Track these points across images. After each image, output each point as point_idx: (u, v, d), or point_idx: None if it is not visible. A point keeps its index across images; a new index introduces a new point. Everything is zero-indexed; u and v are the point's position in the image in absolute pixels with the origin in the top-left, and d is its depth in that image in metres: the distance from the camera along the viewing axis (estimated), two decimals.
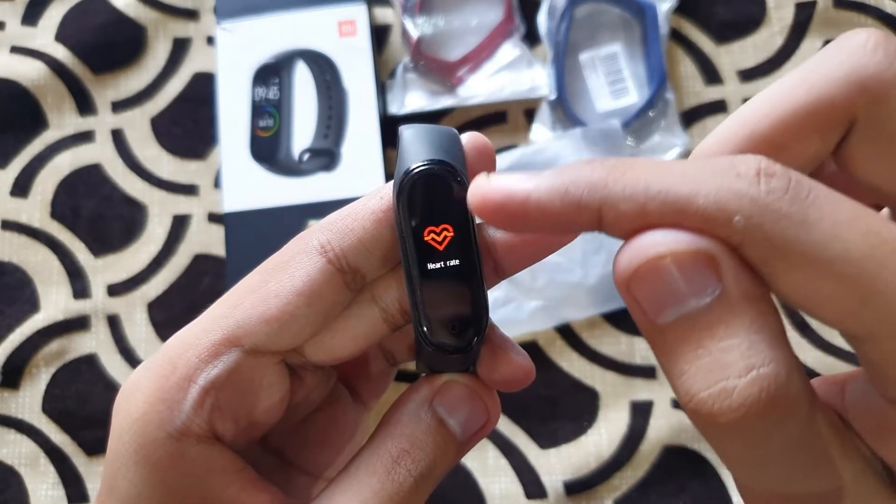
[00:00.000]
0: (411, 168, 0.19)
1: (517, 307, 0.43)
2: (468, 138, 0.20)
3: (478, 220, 0.19)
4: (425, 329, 0.19)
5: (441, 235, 0.19)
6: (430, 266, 0.19)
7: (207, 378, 0.18)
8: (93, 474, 0.43)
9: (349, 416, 0.23)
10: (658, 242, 0.14)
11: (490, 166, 0.20)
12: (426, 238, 0.19)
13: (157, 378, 0.19)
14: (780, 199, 0.13)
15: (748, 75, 0.46)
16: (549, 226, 0.15)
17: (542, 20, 0.47)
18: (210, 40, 0.48)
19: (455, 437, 0.19)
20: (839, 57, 0.15)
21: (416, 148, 0.19)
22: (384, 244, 0.19)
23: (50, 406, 0.44)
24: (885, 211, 0.18)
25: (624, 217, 0.14)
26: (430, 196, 0.19)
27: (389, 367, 0.24)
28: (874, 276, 0.13)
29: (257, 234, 0.42)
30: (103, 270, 0.46)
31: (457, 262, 0.19)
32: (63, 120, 0.48)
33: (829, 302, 0.13)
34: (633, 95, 0.46)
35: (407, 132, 0.20)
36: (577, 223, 0.15)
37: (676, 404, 0.42)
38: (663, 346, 0.14)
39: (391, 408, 0.20)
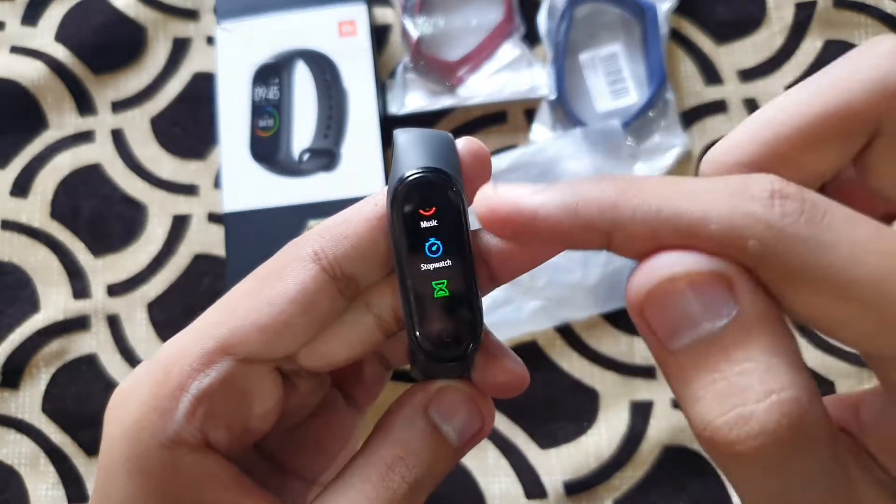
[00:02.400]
0: (405, 175, 0.19)
1: (517, 307, 0.43)
2: (463, 144, 0.20)
3: (472, 228, 0.19)
4: (420, 337, 0.19)
5: (435, 243, 0.19)
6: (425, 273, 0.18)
7: (200, 387, 0.18)
8: (93, 474, 0.43)
9: (343, 421, 0.23)
10: (672, 264, 0.13)
11: (486, 171, 0.20)
12: (420, 245, 0.18)
13: (150, 386, 0.18)
14: (796, 223, 0.13)
15: (748, 75, 0.46)
16: (556, 241, 0.15)
17: (542, 20, 0.47)
18: (210, 40, 0.48)
19: (450, 444, 0.19)
20: (866, 62, 0.15)
21: (411, 154, 0.19)
22: (378, 251, 0.19)
23: (50, 406, 0.44)
24: None
25: (635, 240, 0.14)
26: (425, 203, 0.19)
27: (384, 371, 0.24)
28: (893, 300, 0.12)
29: (257, 234, 0.42)
30: (103, 270, 0.46)
31: (451, 269, 0.19)
32: (63, 120, 0.48)
33: (848, 324, 0.13)
34: (633, 95, 0.46)
35: (402, 137, 0.20)
36: (585, 242, 0.15)
37: (676, 404, 0.42)
38: (677, 372, 0.14)
39: (385, 414, 0.20)
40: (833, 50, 0.45)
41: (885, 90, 0.15)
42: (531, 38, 0.47)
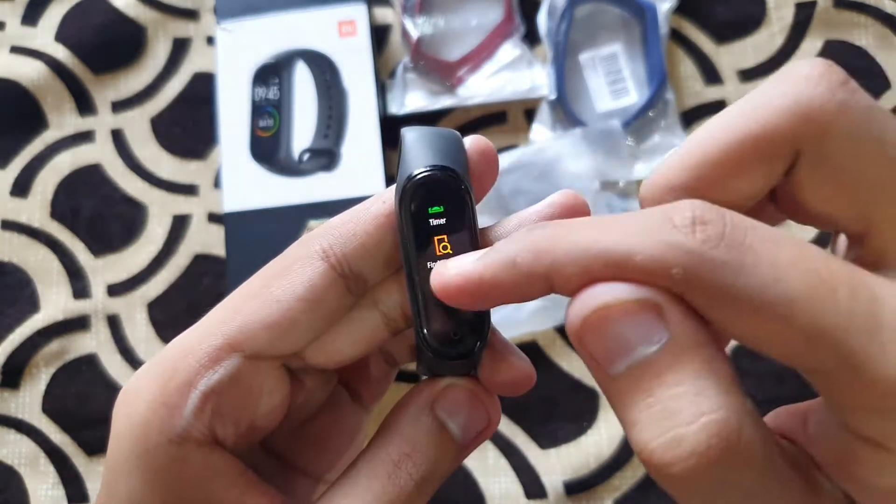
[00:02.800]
0: (414, 174, 0.19)
1: (517, 307, 0.43)
2: (471, 142, 0.20)
3: (481, 225, 0.20)
4: (427, 334, 0.19)
5: (443, 241, 0.19)
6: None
7: (208, 383, 0.18)
8: (93, 474, 0.43)
9: (349, 418, 0.23)
10: (603, 293, 0.14)
11: (493, 169, 0.20)
12: (429, 243, 0.19)
13: (157, 383, 0.19)
14: (716, 248, 0.13)
15: (748, 75, 0.46)
16: (509, 298, 0.16)
17: (542, 20, 0.47)
18: (210, 40, 0.48)
19: (456, 441, 0.19)
20: (784, 87, 0.15)
21: (419, 152, 0.19)
22: (386, 249, 0.19)
23: (50, 406, 0.44)
24: (843, 237, 0.18)
25: (571, 279, 0.14)
26: (433, 202, 0.19)
27: (389, 368, 0.24)
28: (816, 316, 0.13)
29: (257, 234, 0.42)
30: (103, 270, 0.46)
31: None
32: (63, 120, 0.48)
33: (776, 343, 0.13)
34: (633, 95, 0.46)
35: (409, 135, 0.20)
36: (532, 291, 0.15)
37: None
38: (617, 396, 0.14)
39: (392, 411, 0.20)
40: (833, 50, 0.45)
41: (802, 114, 0.15)
42: (531, 38, 0.47)
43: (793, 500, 0.14)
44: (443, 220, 0.19)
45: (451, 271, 0.16)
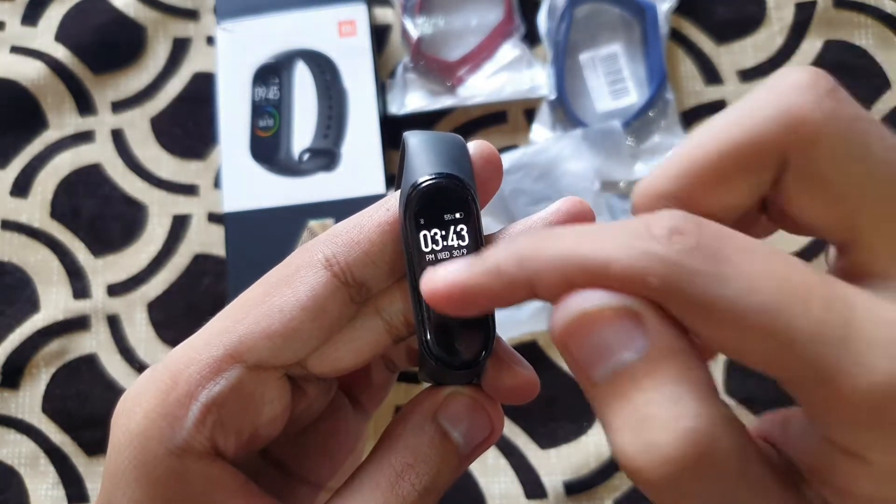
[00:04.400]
0: (419, 181, 0.18)
1: (517, 307, 0.43)
2: (475, 147, 0.20)
3: (486, 232, 0.19)
4: (431, 343, 0.18)
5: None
6: None
7: (209, 395, 0.18)
8: (93, 474, 0.43)
9: (350, 425, 0.23)
10: (583, 301, 0.14)
11: (497, 175, 0.20)
12: (433, 251, 0.18)
13: (157, 393, 0.18)
14: (692, 258, 0.13)
15: (748, 75, 0.46)
16: (495, 304, 0.16)
17: (542, 20, 0.47)
18: (210, 40, 0.48)
19: (459, 450, 0.19)
20: (772, 96, 0.15)
21: (424, 158, 0.19)
22: (390, 257, 0.19)
23: (50, 406, 0.44)
24: (832, 248, 0.18)
25: (551, 287, 0.15)
26: (438, 210, 0.18)
27: (390, 374, 0.24)
28: (789, 325, 0.13)
29: (257, 234, 0.42)
30: (103, 270, 0.46)
31: None
32: (63, 120, 0.48)
33: (751, 351, 0.13)
34: (633, 95, 0.46)
35: (412, 140, 0.19)
36: (515, 297, 0.15)
37: None
38: (598, 402, 0.14)
39: (394, 420, 0.20)
40: (833, 50, 0.45)
41: (789, 123, 0.15)
42: (531, 38, 0.47)
43: None
44: (448, 229, 0.18)
45: (438, 278, 0.16)
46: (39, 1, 0.49)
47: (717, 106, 0.46)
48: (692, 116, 0.46)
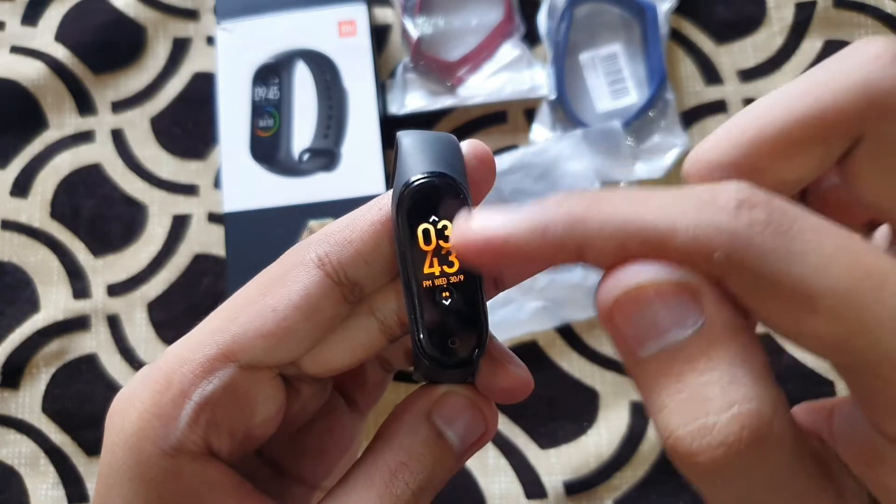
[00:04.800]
0: (411, 180, 0.18)
1: (518, 308, 0.43)
2: (468, 147, 0.20)
3: None
4: (424, 342, 0.18)
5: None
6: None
7: (203, 394, 0.18)
8: (93, 474, 0.43)
9: (345, 425, 0.23)
10: (638, 273, 0.13)
11: (490, 175, 0.20)
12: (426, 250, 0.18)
13: (151, 393, 0.18)
14: (762, 233, 0.13)
15: (748, 75, 0.46)
16: (534, 263, 0.15)
17: (542, 20, 0.47)
18: (210, 40, 0.48)
19: (453, 449, 0.19)
20: (851, 65, 0.15)
21: (416, 157, 0.19)
22: (383, 256, 0.19)
23: (50, 406, 0.44)
24: (885, 228, 0.17)
25: (605, 254, 0.14)
26: (431, 209, 0.18)
27: (385, 373, 0.24)
28: (860, 310, 0.12)
29: (257, 234, 0.42)
30: (103, 270, 0.46)
31: (457, 274, 0.18)
32: (63, 120, 0.48)
33: (815, 335, 0.13)
34: (633, 95, 0.46)
35: (406, 139, 0.19)
36: (559, 259, 0.15)
37: None
38: (645, 380, 0.14)
39: (388, 419, 0.20)
40: (833, 50, 0.45)
41: (868, 95, 0.14)
42: (531, 38, 0.47)
43: (818, 497, 0.14)
44: (440, 227, 0.18)
45: (475, 227, 0.15)
46: (39, 1, 0.49)
47: (717, 106, 0.46)
48: (692, 116, 0.46)
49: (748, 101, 0.46)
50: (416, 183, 0.18)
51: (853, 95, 0.15)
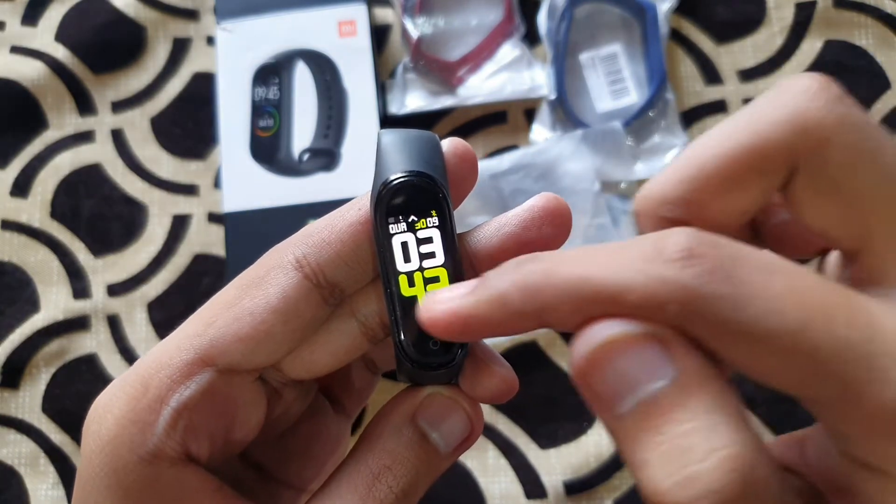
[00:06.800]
0: (389, 179, 0.18)
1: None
2: (448, 145, 0.19)
3: (458, 230, 0.19)
4: (406, 344, 0.18)
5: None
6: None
7: (180, 399, 0.18)
8: None
9: (331, 427, 0.23)
10: (606, 329, 0.14)
11: (472, 173, 0.20)
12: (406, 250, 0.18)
13: (128, 399, 0.18)
14: (710, 283, 0.13)
15: (748, 75, 0.46)
16: (499, 333, 0.15)
17: (542, 20, 0.47)
18: (210, 40, 0.48)
19: (438, 451, 0.19)
20: (782, 100, 0.15)
21: (395, 156, 0.19)
22: (363, 257, 0.19)
23: (50, 406, 0.44)
24: (835, 254, 0.17)
25: (565, 318, 0.14)
26: (409, 207, 0.18)
27: (371, 375, 0.24)
28: (814, 347, 0.13)
29: (257, 234, 0.42)
30: (103, 270, 0.46)
31: (437, 273, 0.18)
32: (63, 120, 0.48)
33: (777, 374, 0.13)
34: (633, 95, 0.46)
35: (385, 138, 0.19)
36: (522, 327, 0.15)
37: None
38: (625, 437, 0.14)
39: (372, 421, 0.19)
40: (833, 50, 0.45)
41: (798, 126, 0.15)
42: (531, 38, 0.47)
43: None
44: (419, 226, 0.18)
45: (439, 306, 0.16)
46: (39, 1, 0.49)
47: (717, 106, 0.46)
48: (692, 116, 0.46)
49: (748, 101, 0.45)
50: (394, 182, 0.18)
51: (783, 127, 0.15)
